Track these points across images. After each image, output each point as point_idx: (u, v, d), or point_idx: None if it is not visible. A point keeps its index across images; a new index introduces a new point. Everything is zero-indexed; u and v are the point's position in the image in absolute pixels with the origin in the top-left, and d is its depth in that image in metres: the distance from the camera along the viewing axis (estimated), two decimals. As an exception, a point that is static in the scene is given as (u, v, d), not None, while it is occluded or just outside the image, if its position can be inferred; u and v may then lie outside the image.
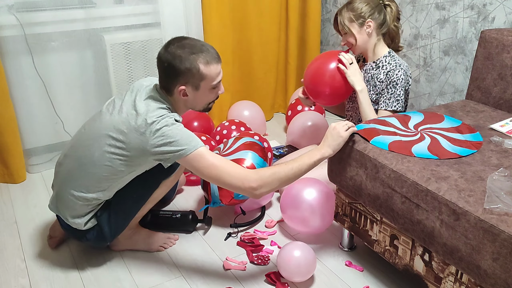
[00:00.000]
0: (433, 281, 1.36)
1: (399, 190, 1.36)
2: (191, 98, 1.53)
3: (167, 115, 1.45)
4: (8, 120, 2.20)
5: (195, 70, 1.46)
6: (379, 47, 1.93)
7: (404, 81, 1.84)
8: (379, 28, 1.89)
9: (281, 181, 1.46)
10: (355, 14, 1.88)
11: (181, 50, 1.45)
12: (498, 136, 1.54)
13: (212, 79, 1.50)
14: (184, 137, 1.43)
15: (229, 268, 1.68)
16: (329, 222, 1.79)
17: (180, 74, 1.46)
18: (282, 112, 3.21)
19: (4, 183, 2.32)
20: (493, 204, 1.15)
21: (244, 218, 1.96)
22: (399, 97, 1.84)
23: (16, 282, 1.64)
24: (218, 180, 1.45)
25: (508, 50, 1.77)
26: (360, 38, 1.90)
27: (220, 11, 2.57)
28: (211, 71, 1.48)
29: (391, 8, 1.90)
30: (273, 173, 1.45)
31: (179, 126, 1.45)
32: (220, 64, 1.53)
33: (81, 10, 2.27)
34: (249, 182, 1.42)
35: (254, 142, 1.91)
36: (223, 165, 1.44)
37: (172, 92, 1.52)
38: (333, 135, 1.50)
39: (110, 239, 1.67)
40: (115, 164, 1.50)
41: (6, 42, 2.15)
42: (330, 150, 1.50)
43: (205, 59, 1.46)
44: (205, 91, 1.52)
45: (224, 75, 2.67)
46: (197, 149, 1.42)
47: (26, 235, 1.89)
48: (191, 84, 1.49)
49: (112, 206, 1.62)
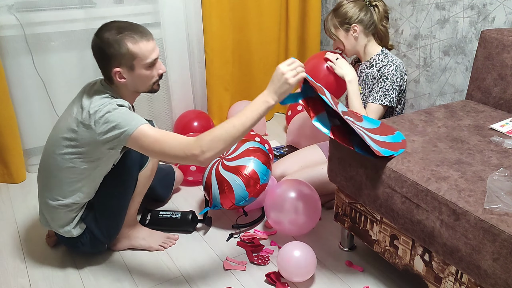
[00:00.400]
0: (433, 281, 1.36)
1: (399, 190, 1.36)
2: (129, 80, 1.50)
3: (108, 102, 1.44)
4: (8, 120, 2.20)
5: (124, 50, 1.44)
6: (371, 47, 1.95)
7: (395, 76, 1.83)
8: (367, 29, 1.91)
9: (225, 142, 1.36)
10: (340, 20, 1.91)
11: (108, 33, 1.44)
12: (498, 136, 1.54)
13: (145, 57, 1.47)
14: (125, 119, 1.41)
15: (229, 268, 1.68)
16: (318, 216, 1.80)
17: (111, 57, 1.45)
18: (282, 112, 3.21)
19: (4, 183, 2.32)
20: (493, 204, 1.15)
21: (245, 219, 1.96)
22: (388, 92, 1.84)
23: (15, 282, 1.64)
24: (163, 155, 1.41)
25: (508, 50, 1.77)
26: (348, 43, 1.94)
27: (220, 11, 2.57)
28: (141, 48, 1.46)
29: (378, 9, 1.91)
30: (215, 136, 1.36)
31: (121, 110, 1.43)
32: (152, 41, 1.49)
33: (81, 10, 2.27)
34: (190, 150, 1.36)
35: (257, 147, 1.90)
36: (165, 139, 1.39)
37: (111, 78, 1.50)
38: (280, 80, 1.35)
39: (105, 240, 1.66)
40: (77, 164, 1.50)
41: (6, 42, 2.15)
42: (276, 97, 1.37)
43: (132, 37, 1.44)
44: (141, 70, 1.49)
45: (224, 75, 2.72)
46: (138, 127, 1.40)
47: (26, 235, 1.89)
48: (124, 65, 1.46)
49: (96, 207, 1.62)
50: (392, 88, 1.84)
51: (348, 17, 1.89)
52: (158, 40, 2.48)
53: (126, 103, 1.49)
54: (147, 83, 1.54)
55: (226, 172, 1.81)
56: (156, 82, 1.56)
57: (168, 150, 1.39)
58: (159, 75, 1.55)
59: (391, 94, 1.84)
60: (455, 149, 1.45)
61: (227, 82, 2.76)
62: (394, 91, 1.84)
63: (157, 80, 1.56)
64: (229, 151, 1.92)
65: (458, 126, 1.64)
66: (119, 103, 1.46)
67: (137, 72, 1.49)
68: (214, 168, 1.87)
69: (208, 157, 1.37)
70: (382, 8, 1.92)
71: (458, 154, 1.42)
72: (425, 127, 1.63)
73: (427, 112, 1.77)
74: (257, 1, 2.75)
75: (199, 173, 2.19)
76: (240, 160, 1.84)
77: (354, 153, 1.52)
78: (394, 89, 1.84)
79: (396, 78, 1.84)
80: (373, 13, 1.91)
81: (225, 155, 1.90)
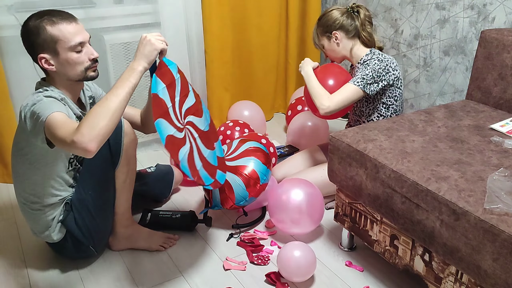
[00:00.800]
0: (433, 281, 1.36)
1: (399, 190, 1.36)
2: (58, 66, 1.46)
3: (36, 96, 1.42)
4: (8, 120, 2.20)
5: (43, 34, 1.41)
6: (357, 50, 1.98)
7: (377, 66, 1.85)
8: (349, 35, 1.96)
9: (104, 116, 1.28)
10: (322, 29, 1.99)
11: (29, 21, 1.43)
12: (498, 136, 1.54)
13: (67, 40, 1.42)
14: (43, 108, 1.36)
15: (229, 268, 1.68)
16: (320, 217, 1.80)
17: (34, 43, 1.43)
18: (282, 112, 3.21)
19: (4, 183, 2.32)
20: (493, 204, 1.15)
21: (246, 219, 1.96)
22: (366, 77, 1.85)
23: (16, 282, 1.64)
24: (60, 142, 1.32)
25: (508, 50, 1.77)
26: (331, 50, 2.01)
27: (220, 11, 2.57)
28: (61, 30, 1.41)
29: (359, 14, 1.96)
30: (91, 115, 1.28)
31: (45, 100, 1.39)
32: (76, 25, 1.44)
33: (81, 10, 2.27)
34: (71, 136, 1.27)
35: (257, 147, 1.90)
36: (63, 125, 1.32)
37: (42, 68, 1.48)
38: (144, 44, 1.38)
39: (88, 243, 1.63)
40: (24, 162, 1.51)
41: (6, 42, 2.15)
42: (142, 62, 1.38)
43: (50, 20, 1.41)
44: (67, 54, 1.43)
45: (224, 75, 2.72)
46: (50, 115, 1.34)
47: (26, 235, 1.89)
48: (48, 50, 1.43)
49: (73, 208, 1.60)
50: (372, 76, 1.85)
51: (328, 24, 1.96)
52: (158, 40, 2.48)
53: (57, 94, 1.45)
54: (78, 69, 1.47)
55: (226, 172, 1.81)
56: (90, 68, 1.50)
57: (59, 136, 1.30)
58: (91, 60, 1.49)
59: (369, 81, 1.85)
60: (455, 149, 1.46)
61: (227, 82, 2.76)
62: (373, 79, 1.85)
63: (90, 66, 1.49)
64: (229, 151, 1.92)
65: (458, 126, 1.64)
66: (46, 94, 1.43)
67: (62, 56, 1.44)
68: (214, 168, 1.87)
69: (91, 138, 1.25)
70: (364, 13, 1.96)
71: (458, 154, 1.42)
72: (425, 127, 1.63)
73: (427, 112, 1.77)
74: (257, 1, 2.75)
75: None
76: (240, 160, 1.84)
77: (354, 153, 1.52)
78: (373, 78, 1.85)
79: (378, 67, 1.85)
80: (354, 19, 1.96)
81: (225, 153, 1.90)
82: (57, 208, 1.59)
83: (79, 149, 1.26)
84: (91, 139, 1.25)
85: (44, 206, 1.57)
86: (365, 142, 1.52)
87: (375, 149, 1.48)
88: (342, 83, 1.92)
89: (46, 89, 1.47)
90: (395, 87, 1.92)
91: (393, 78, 1.89)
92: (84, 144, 1.25)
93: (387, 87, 1.91)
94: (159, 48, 1.40)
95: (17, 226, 1.96)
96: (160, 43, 1.41)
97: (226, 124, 2.42)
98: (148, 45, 1.39)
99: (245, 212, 1.92)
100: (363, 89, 1.85)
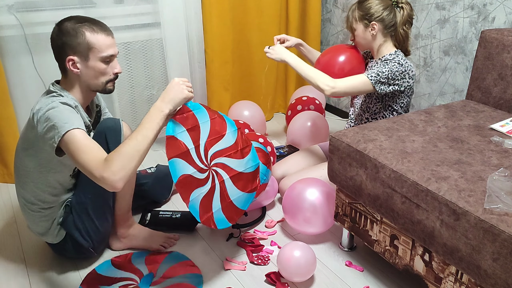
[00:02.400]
0: (433, 281, 1.36)
1: (399, 190, 1.36)
2: (83, 71, 1.48)
3: (51, 101, 1.42)
4: (8, 120, 2.20)
5: (81, 38, 1.43)
6: (385, 47, 1.91)
7: (396, 67, 1.80)
8: (386, 30, 1.88)
9: (134, 158, 1.34)
10: (362, 14, 1.89)
11: (68, 22, 1.45)
12: (498, 136, 1.54)
13: (101, 49, 1.46)
14: (61, 119, 1.37)
15: (229, 268, 1.68)
16: (331, 222, 1.79)
17: (67, 44, 1.44)
18: (282, 112, 3.21)
19: (4, 183, 2.32)
20: (493, 204, 1.15)
21: (246, 219, 1.96)
22: (381, 74, 1.80)
23: (16, 282, 1.64)
24: (82, 167, 1.35)
25: (508, 50, 1.77)
26: (363, 38, 1.92)
27: (220, 11, 2.57)
28: (98, 40, 1.45)
29: (403, 11, 1.87)
30: (122, 155, 1.33)
31: (61, 108, 1.40)
32: (111, 39, 1.50)
33: (81, 10, 2.27)
34: (101, 172, 1.31)
35: (257, 147, 1.90)
36: (86, 150, 1.34)
37: (65, 69, 1.49)
38: (175, 89, 1.44)
39: (88, 245, 1.63)
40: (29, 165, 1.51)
41: (6, 42, 2.15)
42: (170, 106, 1.42)
43: (91, 27, 1.45)
44: (96, 62, 1.47)
45: (224, 75, 2.72)
46: (69, 131, 1.35)
47: (26, 235, 1.89)
48: (79, 53, 1.45)
49: (73, 210, 1.60)
50: (386, 76, 1.79)
51: (370, 13, 1.86)
52: (158, 40, 2.48)
53: (72, 101, 1.46)
54: (100, 79, 1.51)
55: (226, 172, 1.81)
56: (110, 81, 1.54)
57: (83, 163, 1.33)
58: (114, 74, 1.53)
59: (382, 80, 1.80)
60: (455, 149, 1.46)
61: (227, 82, 2.76)
62: (386, 79, 1.80)
63: (111, 80, 1.54)
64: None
65: (458, 126, 1.64)
66: (62, 101, 1.43)
67: (91, 64, 1.47)
68: (214, 168, 1.87)
69: (121, 177, 1.32)
70: (408, 11, 1.87)
71: (458, 154, 1.42)
72: (425, 127, 1.63)
73: (427, 112, 1.77)
74: (257, 1, 2.75)
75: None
76: (240, 160, 1.84)
77: (354, 153, 1.52)
78: (387, 78, 1.80)
79: (395, 70, 1.80)
80: (397, 14, 1.87)
81: None
82: (57, 210, 1.59)
83: (107, 186, 1.33)
84: (121, 178, 1.32)
85: (44, 209, 1.57)
86: (365, 142, 1.52)
87: (375, 149, 1.48)
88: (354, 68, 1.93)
89: (60, 94, 1.48)
90: (405, 95, 1.89)
91: (406, 85, 1.84)
92: (115, 183, 1.32)
93: (398, 93, 1.87)
94: (188, 97, 1.47)
95: (17, 226, 1.96)
96: (188, 91, 1.47)
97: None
98: (178, 92, 1.44)
99: (245, 212, 1.92)
100: (374, 85, 1.80)
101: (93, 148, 1.36)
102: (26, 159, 1.51)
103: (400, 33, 1.89)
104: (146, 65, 2.52)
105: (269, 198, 2.00)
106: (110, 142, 1.54)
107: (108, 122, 1.58)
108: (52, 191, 1.56)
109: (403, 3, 1.88)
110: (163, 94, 1.44)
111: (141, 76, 2.52)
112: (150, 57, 2.51)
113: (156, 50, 2.51)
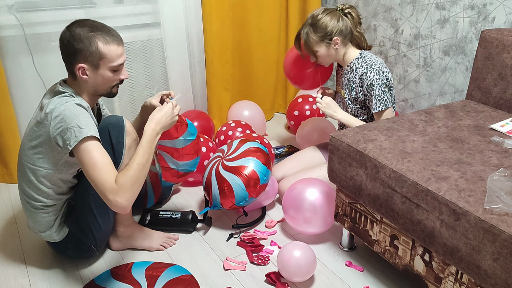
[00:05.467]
0: (433, 281, 1.36)
1: (399, 190, 1.36)
2: (91, 78, 1.50)
3: (65, 101, 1.44)
4: (8, 120, 2.20)
5: (93, 48, 1.44)
6: (349, 53, 1.96)
7: (380, 79, 1.85)
8: (345, 39, 1.92)
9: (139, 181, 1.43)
10: (321, 36, 1.90)
11: (80, 28, 1.45)
12: (498, 136, 1.54)
13: (112, 60, 1.48)
14: (78, 123, 1.39)
15: (229, 268, 1.68)
16: (331, 222, 1.79)
17: (79, 51, 1.45)
18: (282, 112, 3.21)
19: (4, 183, 2.32)
20: (493, 204, 1.15)
21: (246, 219, 1.96)
22: (380, 97, 1.86)
23: (16, 282, 1.64)
24: (92, 181, 1.39)
25: (508, 50, 1.77)
26: (327, 56, 1.96)
27: (220, 11, 2.57)
28: (110, 51, 1.47)
29: (352, 15, 1.92)
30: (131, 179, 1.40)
31: (77, 111, 1.42)
32: (122, 48, 1.52)
33: (81, 10, 2.27)
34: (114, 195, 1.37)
35: (257, 148, 1.90)
36: (99, 166, 1.38)
37: (74, 73, 1.50)
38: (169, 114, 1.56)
39: (90, 243, 1.63)
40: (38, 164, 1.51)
41: (6, 42, 2.15)
42: (160, 126, 1.54)
43: (104, 38, 1.46)
44: (106, 71, 1.50)
45: (224, 75, 2.72)
46: (85, 142, 1.38)
47: (26, 235, 1.89)
48: (90, 62, 1.47)
49: (76, 207, 1.61)
50: (382, 91, 1.86)
51: (328, 31, 1.88)
52: (158, 40, 2.48)
53: (84, 103, 1.49)
54: (107, 85, 1.55)
55: (226, 172, 1.81)
56: (116, 85, 1.58)
57: (96, 180, 1.37)
58: (120, 80, 1.57)
59: (383, 97, 1.86)
60: (455, 149, 1.46)
61: (227, 82, 2.76)
62: (385, 92, 1.86)
63: (116, 84, 1.57)
64: (229, 151, 1.92)
65: (458, 126, 1.64)
66: (77, 102, 1.45)
67: (100, 72, 1.49)
68: (214, 168, 1.87)
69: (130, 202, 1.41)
70: (355, 14, 1.93)
71: (458, 154, 1.42)
72: (425, 127, 1.63)
73: (427, 112, 1.77)
74: (257, 1, 2.75)
75: (199, 174, 2.19)
76: (240, 160, 1.84)
77: (354, 153, 1.52)
78: (385, 91, 1.86)
79: (381, 81, 1.85)
80: (347, 21, 1.91)
81: (225, 155, 1.90)
82: (59, 208, 1.60)
83: (117, 209, 1.40)
84: (131, 203, 1.42)
85: (47, 206, 1.57)
86: (365, 142, 1.52)
87: (375, 149, 1.48)
88: None
89: (72, 95, 1.49)
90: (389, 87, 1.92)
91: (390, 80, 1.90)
92: (127, 208, 1.42)
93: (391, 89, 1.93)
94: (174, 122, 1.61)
95: (17, 226, 1.96)
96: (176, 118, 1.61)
97: (228, 124, 2.42)
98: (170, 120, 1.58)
99: (245, 212, 1.92)
100: (393, 106, 1.89)
101: (107, 165, 1.39)
102: (33, 157, 1.51)
103: (356, 36, 1.95)
104: (146, 65, 2.52)
105: (269, 198, 2.00)
106: (114, 138, 1.56)
107: (112, 119, 1.60)
108: (56, 189, 1.56)
109: (347, 8, 1.93)
110: (160, 118, 1.54)
111: (141, 76, 2.52)
112: (150, 57, 2.51)
113: (156, 50, 2.51)
